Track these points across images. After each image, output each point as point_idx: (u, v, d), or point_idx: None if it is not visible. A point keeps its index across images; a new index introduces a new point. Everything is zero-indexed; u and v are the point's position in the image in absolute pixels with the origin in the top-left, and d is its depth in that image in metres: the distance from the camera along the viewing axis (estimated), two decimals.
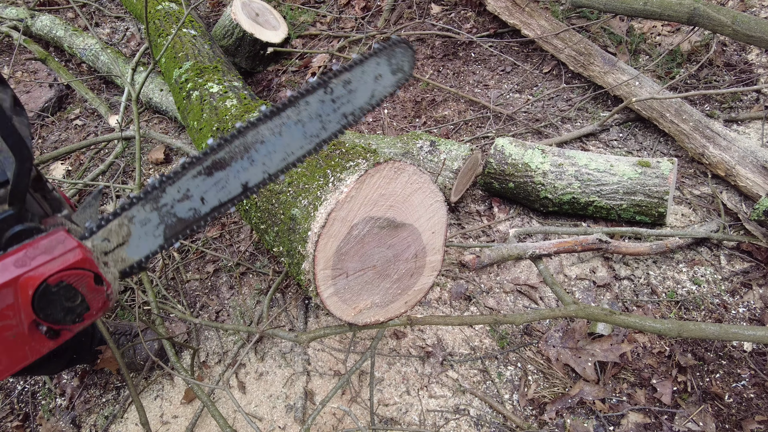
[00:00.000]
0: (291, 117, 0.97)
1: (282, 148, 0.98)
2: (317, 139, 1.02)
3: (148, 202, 0.87)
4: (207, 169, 0.91)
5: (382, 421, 1.80)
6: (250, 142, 0.95)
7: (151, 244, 0.90)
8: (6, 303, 0.67)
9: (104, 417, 1.96)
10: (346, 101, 1.02)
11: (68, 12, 4.00)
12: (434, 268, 1.47)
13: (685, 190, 2.36)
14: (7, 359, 0.72)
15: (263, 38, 3.16)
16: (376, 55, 1.03)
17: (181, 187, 0.89)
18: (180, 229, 0.92)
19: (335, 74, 0.99)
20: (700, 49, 2.81)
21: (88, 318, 0.76)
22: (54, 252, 0.70)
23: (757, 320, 1.89)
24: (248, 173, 0.96)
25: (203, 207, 0.93)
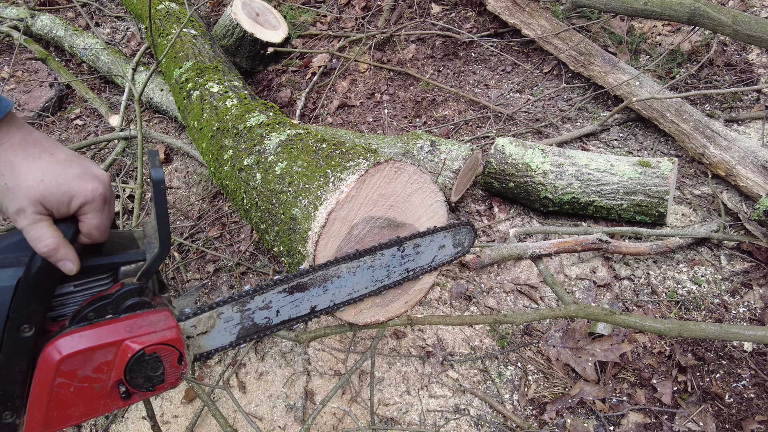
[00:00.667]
0: (366, 262, 1.14)
1: (351, 285, 1.14)
2: (379, 284, 1.19)
3: (237, 303, 0.99)
4: (291, 288, 1.05)
5: (382, 420, 1.80)
6: (331, 275, 1.10)
7: (224, 339, 1.01)
8: (106, 359, 0.77)
9: (105, 416, 1.96)
10: (412, 260, 1.21)
11: (68, 12, 4.00)
12: None
13: (686, 190, 2.36)
14: (85, 409, 0.80)
15: (263, 38, 3.16)
16: (445, 230, 1.23)
17: (266, 298, 1.03)
18: (251, 332, 1.05)
19: (410, 237, 1.18)
20: (700, 48, 2.81)
21: (159, 390, 0.85)
22: (156, 327, 0.80)
23: (758, 320, 1.89)
24: (319, 299, 1.11)
25: (276, 318, 1.06)
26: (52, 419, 0.77)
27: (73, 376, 0.75)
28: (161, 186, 0.72)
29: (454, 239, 1.26)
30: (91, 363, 0.76)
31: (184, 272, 2.37)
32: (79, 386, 0.77)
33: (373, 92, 3.08)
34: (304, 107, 3.09)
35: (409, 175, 1.23)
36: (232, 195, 1.80)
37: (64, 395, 0.76)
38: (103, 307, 0.77)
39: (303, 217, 1.26)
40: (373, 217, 1.23)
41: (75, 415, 0.80)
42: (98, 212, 0.74)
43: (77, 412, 0.80)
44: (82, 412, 0.80)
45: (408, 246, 1.17)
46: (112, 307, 0.78)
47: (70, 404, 0.78)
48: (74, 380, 0.76)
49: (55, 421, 0.78)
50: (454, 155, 2.20)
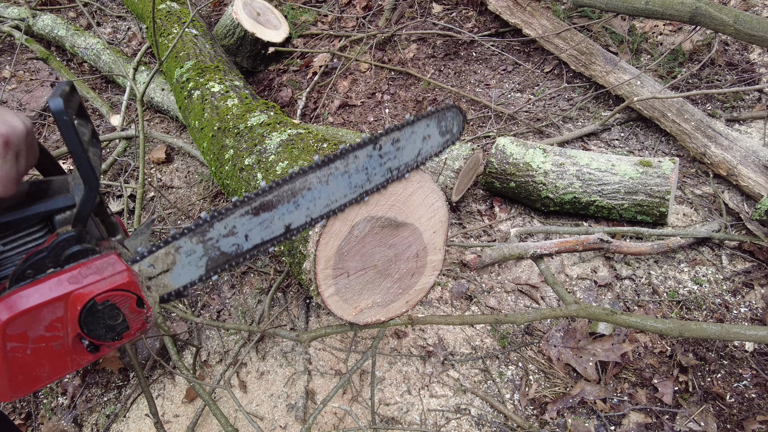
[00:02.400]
0: (339, 168, 1.03)
1: (327, 196, 1.04)
2: (360, 190, 1.08)
3: (195, 234, 0.92)
4: (255, 209, 0.96)
5: (383, 420, 1.80)
6: (299, 188, 1.00)
7: (192, 274, 0.95)
8: (56, 315, 0.73)
9: (106, 416, 1.96)
10: (393, 157, 1.08)
11: (70, 11, 4.01)
12: (435, 268, 1.47)
13: (687, 189, 2.35)
14: (51, 368, 0.77)
15: (264, 38, 3.16)
16: (426, 118, 1.08)
17: (228, 224, 0.94)
18: (221, 262, 0.97)
19: (385, 132, 1.05)
20: (701, 48, 2.81)
21: (126, 337, 0.81)
22: (104, 273, 0.76)
23: (759, 320, 1.89)
24: (292, 216, 1.02)
25: (246, 243, 0.98)
26: (19, 384, 0.76)
27: (25, 339, 0.73)
28: (63, 117, 0.66)
29: (440, 126, 1.12)
30: (40, 322, 0.73)
31: None
32: (36, 347, 0.74)
33: (374, 92, 3.08)
34: (305, 107, 3.09)
35: (410, 174, 1.23)
36: (233, 194, 1.80)
37: (23, 359, 0.74)
38: (41, 261, 0.73)
39: None
40: (373, 217, 1.23)
41: (44, 376, 0.78)
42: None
43: (45, 373, 0.78)
44: (50, 371, 0.78)
45: (385, 142, 1.05)
46: (50, 260, 0.74)
47: (33, 366, 0.76)
48: (27, 342, 0.73)
49: (23, 385, 0.76)
50: (455, 155, 2.20)
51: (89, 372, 2.09)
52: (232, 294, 2.27)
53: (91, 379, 2.08)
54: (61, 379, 2.09)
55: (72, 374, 2.10)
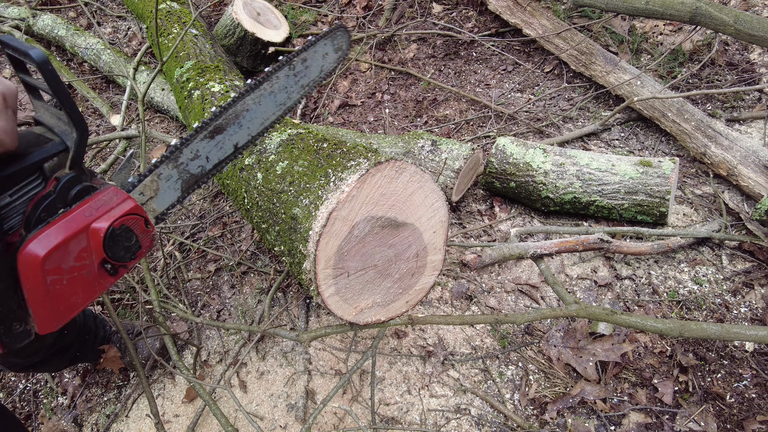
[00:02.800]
0: (266, 89, 1.22)
1: (261, 115, 1.24)
2: (284, 107, 1.28)
3: (171, 161, 1.08)
4: (211, 133, 1.14)
5: (383, 420, 1.80)
6: (240, 111, 1.19)
7: (172, 197, 1.11)
8: (81, 246, 0.82)
9: (106, 416, 1.96)
10: (304, 75, 1.29)
11: (70, 11, 4.01)
12: (435, 268, 1.47)
13: (687, 189, 2.35)
14: (84, 294, 0.87)
15: (265, 38, 3.16)
16: (323, 38, 1.30)
17: (193, 149, 1.12)
18: (192, 183, 1.14)
19: (296, 54, 1.25)
20: (702, 48, 2.81)
21: (139, 255, 0.92)
22: (111, 203, 0.86)
23: (759, 320, 1.89)
24: (238, 136, 1.21)
25: (208, 164, 1.16)
26: (61, 312, 0.85)
27: (60, 271, 0.81)
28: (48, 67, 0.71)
29: (333, 44, 1.33)
30: (69, 254, 0.81)
31: (185, 271, 2.37)
32: (70, 277, 0.83)
33: (374, 92, 3.08)
34: (305, 107, 3.09)
35: (410, 174, 1.23)
36: (233, 194, 1.80)
37: (61, 289, 0.83)
38: (52, 204, 0.80)
39: (304, 217, 1.26)
40: (374, 217, 1.23)
41: (79, 302, 0.88)
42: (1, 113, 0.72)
43: (80, 299, 0.87)
44: (83, 297, 0.88)
45: (297, 63, 1.26)
46: (59, 201, 0.81)
47: (70, 294, 0.85)
48: (63, 274, 0.82)
49: (64, 313, 0.86)
50: (455, 155, 2.20)
51: (89, 372, 2.09)
52: (232, 294, 2.27)
53: (92, 379, 2.08)
54: (60, 379, 2.09)
55: (72, 374, 2.10)
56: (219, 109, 1.14)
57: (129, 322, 2.09)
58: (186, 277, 2.36)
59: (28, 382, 2.13)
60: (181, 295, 2.27)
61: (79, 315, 1.81)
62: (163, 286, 2.24)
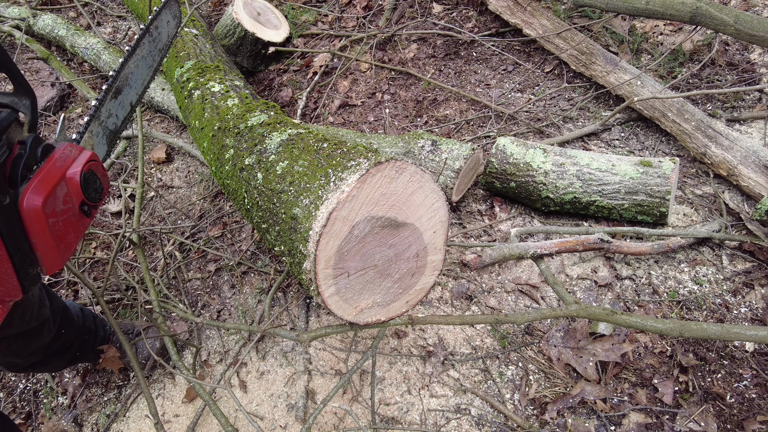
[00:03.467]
0: (139, 54, 1.45)
1: (140, 76, 1.48)
2: (152, 68, 1.54)
3: (96, 119, 1.28)
4: (114, 93, 1.36)
5: (383, 420, 1.80)
6: (128, 73, 1.41)
7: (103, 150, 1.31)
8: (65, 191, 0.96)
9: (106, 415, 1.96)
10: (158, 40, 1.55)
11: (70, 11, 4.01)
12: (435, 268, 1.47)
13: (687, 189, 2.35)
14: (74, 234, 1.01)
15: (265, 37, 3.16)
16: (165, 9, 1.55)
17: (107, 108, 1.33)
18: (112, 137, 1.36)
19: (150, 23, 1.48)
20: (702, 48, 2.81)
21: (104, 195, 1.09)
22: (73, 155, 1.00)
23: (759, 320, 1.89)
24: (131, 95, 1.44)
25: (118, 121, 1.39)
26: (62, 251, 0.99)
27: (56, 214, 0.95)
28: None
29: (171, 13, 1.61)
30: (58, 199, 0.95)
31: (185, 271, 2.37)
32: (63, 218, 0.97)
33: (375, 92, 3.08)
34: (306, 107, 3.09)
35: (410, 174, 1.23)
36: (233, 194, 1.80)
37: (60, 229, 0.97)
38: (27, 162, 0.92)
39: (304, 217, 1.26)
40: (374, 217, 1.23)
41: (72, 241, 1.01)
42: None
43: (72, 238, 1.01)
44: (74, 237, 1.01)
45: (153, 30, 1.50)
46: (32, 158, 0.93)
47: (66, 234, 0.99)
48: (58, 216, 0.96)
49: (65, 252, 0.99)
50: (456, 155, 2.20)
51: (89, 372, 2.09)
52: (233, 294, 2.27)
53: (92, 379, 2.08)
54: (60, 379, 2.09)
55: (72, 374, 2.10)
56: (114, 73, 1.36)
57: (129, 322, 2.09)
58: (186, 277, 2.36)
59: (28, 382, 2.13)
60: (181, 295, 2.27)
61: (78, 315, 1.81)
62: (163, 286, 2.24)
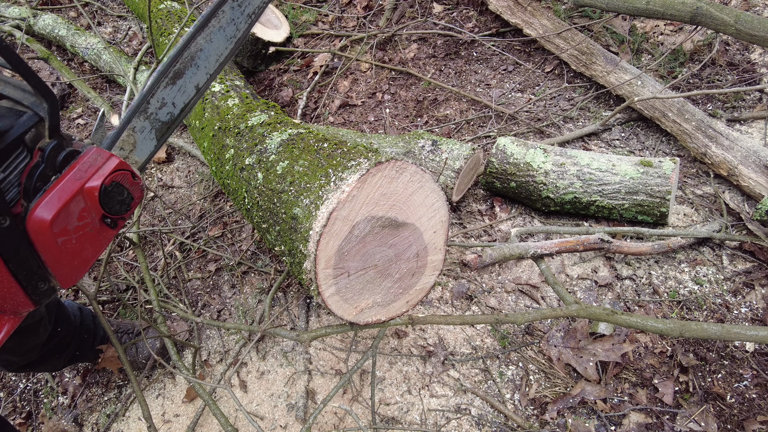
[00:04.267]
0: (215, 26, 1.22)
1: (215, 52, 1.24)
2: (235, 39, 1.28)
3: (141, 113, 1.13)
4: (171, 79, 1.17)
5: (383, 420, 1.80)
6: (194, 52, 1.20)
7: (150, 146, 1.17)
8: (81, 206, 0.89)
9: (106, 415, 1.97)
10: (248, 4, 1.28)
11: (70, 11, 4.01)
12: (436, 268, 1.47)
13: (688, 189, 2.35)
14: (92, 248, 0.96)
15: (265, 37, 3.16)
16: None
17: (158, 97, 1.16)
18: (165, 130, 1.19)
19: None
20: (702, 48, 2.80)
21: (133, 206, 1.00)
22: (98, 163, 0.91)
23: (760, 320, 1.89)
24: (197, 77, 1.23)
25: (175, 110, 1.20)
26: (77, 268, 0.94)
27: (67, 232, 0.89)
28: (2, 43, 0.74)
29: None
30: (72, 216, 0.89)
31: (185, 271, 2.37)
32: (78, 236, 0.91)
33: (375, 92, 3.08)
34: (306, 106, 3.09)
35: (411, 174, 1.23)
36: (233, 194, 1.80)
37: (72, 247, 0.91)
38: (43, 173, 0.86)
39: (304, 217, 1.26)
40: (374, 217, 1.23)
41: (90, 256, 0.96)
42: None
43: (90, 253, 0.96)
44: (92, 251, 0.96)
45: None
46: (49, 168, 0.86)
47: (81, 250, 0.94)
48: (70, 234, 0.90)
49: (79, 267, 0.95)
50: (456, 155, 2.20)
51: (90, 371, 2.09)
52: (233, 294, 2.27)
53: (92, 379, 2.08)
54: (61, 378, 2.09)
55: (72, 374, 2.10)
56: (173, 55, 1.17)
57: (129, 321, 2.09)
58: (186, 276, 2.36)
59: (28, 382, 2.13)
60: (181, 295, 2.27)
61: (76, 313, 1.81)
62: (163, 285, 2.24)
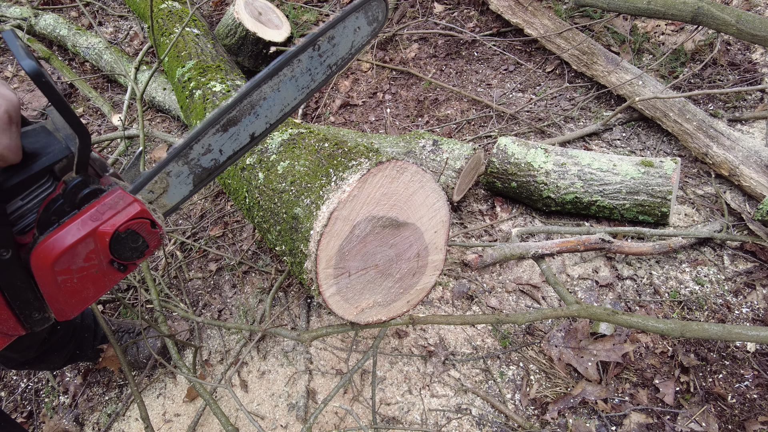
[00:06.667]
0: (286, 74, 1.13)
1: (280, 101, 1.15)
2: (308, 90, 1.19)
3: (180, 158, 1.05)
4: (223, 126, 1.09)
5: (383, 420, 1.80)
6: (256, 100, 1.12)
7: (184, 191, 1.10)
8: (89, 248, 0.86)
9: (107, 415, 1.97)
10: (331, 53, 1.17)
11: (72, 11, 4.01)
12: (436, 268, 1.47)
13: (689, 189, 2.35)
14: (94, 289, 0.93)
15: (266, 37, 3.16)
16: (354, 11, 1.16)
17: (204, 144, 1.08)
18: (204, 176, 1.12)
19: (321, 32, 1.12)
20: (703, 48, 2.80)
21: (148, 254, 0.96)
22: (118, 207, 0.87)
23: (761, 320, 1.89)
24: (254, 125, 1.14)
25: (221, 156, 1.13)
26: (73, 305, 0.91)
27: (70, 272, 0.86)
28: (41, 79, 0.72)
29: (367, 16, 1.20)
30: (78, 256, 0.85)
31: (186, 271, 2.37)
32: (80, 276, 0.88)
33: (376, 91, 3.08)
34: (306, 106, 3.09)
35: (411, 174, 1.23)
36: (234, 194, 1.80)
37: (72, 286, 0.88)
38: (60, 207, 0.83)
39: (305, 217, 1.26)
40: (375, 217, 1.23)
41: (90, 296, 0.93)
42: (5, 131, 0.74)
43: (91, 293, 0.93)
44: (94, 292, 0.93)
45: (323, 42, 1.14)
46: (68, 204, 0.84)
47: (81, 290, 0.90)
48: (73, 274, 0.87)
49: (77, 305, 0.92)
50: (457, 155, 2.19)
51: (91, 371, 2.10)
52: (234, 293, 2.27)
53: (93, 378, 2.08)
54: (62, 378, 2.09)
55: (73, 373, 2.10)
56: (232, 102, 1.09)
57: (130, 321, 2.09)
58: (187, 276, 2.36)
59: (29, 381, 2.13)
60: (182, 295, 2.27)
61: None
62: (164, 285, 2.25)
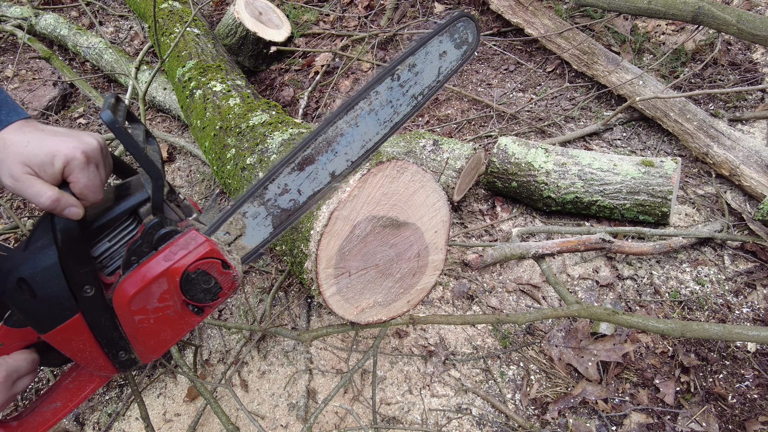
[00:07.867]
0: (363, 108, 1.04)
1: (360, 137, 1.08)
2: (391, 123, 1.10)
3: (255, 198, 1.03)
4: (299, 165, 1.04)
5: (384, 419, 1.80)
6: (332, 137, 1.05)
7: (263, 233, 1.07)
8: (163, 288, 0.88)
9: (107, 414, 1.97)
10: (414, 83, 1.06)
11: (72, 11, 4.01)
12: (437, 267, 1.47)
13: (689, 189, 2.35)
14: (172, 332, 0.94)
15: (266, 37, 3.16)
16: (438, 34, 1.05)
17: (280, 183, 1.04)
18: (284, 218, 1.07)
19: (399, 60, 1.03)
20: (704, 48, 2.80)
21: (222, 296, 0.95)
22: (189, 247, 0.89)
23: (761, 320, 1.89)
24: (334, 164, 1.08)
25: (301, 197, 1.07)
26: (153, 346, 0.93)
27: (146, 311, 0.88)
28: (115, 126, 0.75)
29: (453, 39, 1.06)
30: (152, 296, 0.87)
31: None
32: (156, 316, 0.90)
33: None
34: (307, 106, 3.09)
35: (412, 174, 1.23)
36: (234, 194, 1.80)
37: (150, 327, 0.90)
38: (140, 248, 0.86)
39: (305, 216, 1.26)
40: (375, 216, 1.23)
41: (168, 339, 0.94)
42: (83, 170, 0.77)
43: (169, 335, 0.94)
44: (172, 334, 0.94)
45: (402, 71, 1.03)
46: (146, 245, 0.87)
47: (159, 331, 0.92)
48: (149, 314, 0.89)
49: (157, 347, 0.94)
50: (457, 154, 2.19)
51: None
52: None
53: None
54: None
55: None
56: (305, 141, 1.02)
57: None
58: None
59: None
60: None
61: None
62: None
